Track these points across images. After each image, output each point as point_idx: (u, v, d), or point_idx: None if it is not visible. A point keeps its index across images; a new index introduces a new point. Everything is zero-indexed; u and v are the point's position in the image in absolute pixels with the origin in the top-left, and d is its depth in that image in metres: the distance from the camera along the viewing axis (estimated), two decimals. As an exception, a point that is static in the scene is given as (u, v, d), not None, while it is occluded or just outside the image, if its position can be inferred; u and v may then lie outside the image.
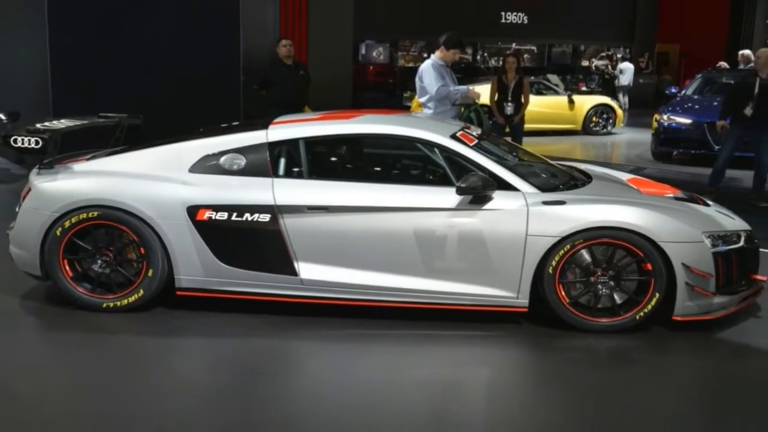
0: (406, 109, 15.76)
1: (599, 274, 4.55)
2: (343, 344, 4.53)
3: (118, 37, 9.31)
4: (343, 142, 5.20)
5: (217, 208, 4.63)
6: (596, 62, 25.03)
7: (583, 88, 19.70)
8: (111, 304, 4.76)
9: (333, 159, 5.25)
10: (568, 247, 4.48)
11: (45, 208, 4.74)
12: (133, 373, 4.07)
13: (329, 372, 4.17)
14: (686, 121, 11.92)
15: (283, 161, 4.82)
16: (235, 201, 4.64)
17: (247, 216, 4.61)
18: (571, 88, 18.28)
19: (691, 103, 12.67)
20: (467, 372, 4.24)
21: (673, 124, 12.04)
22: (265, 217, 4.60)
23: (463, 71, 18.77)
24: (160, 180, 4.75)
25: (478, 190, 4.50)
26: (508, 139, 8.07)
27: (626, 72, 20.56)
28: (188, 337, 4.58)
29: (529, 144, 9.94)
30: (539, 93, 15.53)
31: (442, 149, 4.80)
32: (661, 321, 4.61)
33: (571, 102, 16.02)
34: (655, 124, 12.38)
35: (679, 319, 4.54)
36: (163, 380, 4.02)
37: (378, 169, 5.36)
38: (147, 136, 5.44)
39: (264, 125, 5.00)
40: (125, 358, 4.26)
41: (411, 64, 21.68)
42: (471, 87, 7.41)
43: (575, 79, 22.07)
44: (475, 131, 5.29)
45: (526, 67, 21.12)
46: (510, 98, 9.79)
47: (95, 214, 4.68)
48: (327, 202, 4.60)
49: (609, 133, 16.28)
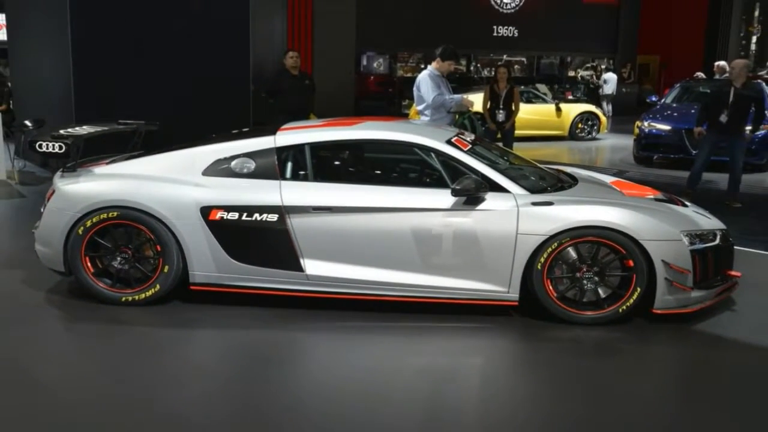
0: (405, 117, 15.75)
1: (585, 270, 4.55)
2: (346, 335, 4.53)
3: (136, 50, 9.30)
4: (346, 147, 5.20)
5: (229, 209, 4.64)
6: (582, 73, 25.01)
7: (570, 97, 19.65)
8: (129, 298, 4.77)
9: (336, 163, 5.25)
10: (556, 244, 4.48)
11: (68, 208, 4.74)
12: (150, 362, 4.07)
13: (333, 360, 4.17)
14: (666, 128, 11.92)
15: (289, 165, 4.82)
16: (245, 202, 4.64)
17: (257, 216, 4.61)
18: (559, 97, 18.24)
19: (670, 110, 12.67)
20: (462, 360, 4.24)
21: (654, 131, 12.04)
22: (273, 217, 4.61)
23: (458, 81, 18.73)
24: (176, 182, 4.75)
25: (472, 192, 4.50)
26: (500, 144, 8.06)
27: (610, 82, 20.57)
28: (201, 329, 4.58)
29: (519, 149, 9.96)
30: (529, 101, 15.51)
31: (438, 154, 4.80)
32: (642, 314, 4.62)
33: (559, 110, 16.00)
34: (637, 131, 12.37)
35: (659, 312, 4.54)
36: (178, 368, 4.03)
37: (378, 172, 5.36)
38: (163, 142, 5.44)
39: (272, 131, 5.00)
40: (143, 347, 4.26)
41: (409, 75, 21.63)
42: (465, 96, 7.41)
43: (562, 89, 22.03)
44: (469, 137, 5.29)
45: (516, 77, 21.13)
46: (501, 106, 9.78)
47: (115, 214, 4.69)
48: (331, 203, 4.60)
49: (594, 139, 16.27)
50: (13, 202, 8.41)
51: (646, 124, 12.17)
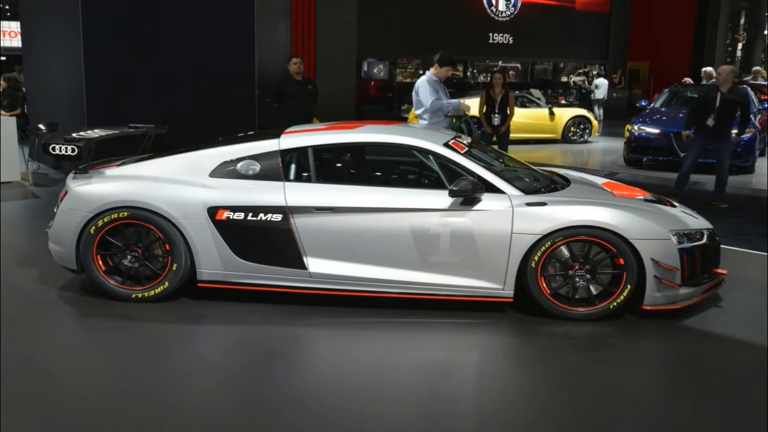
0: (404, 120, 15.75)
1: (577, 268, 4.55)
2: (348, 330, 4.54)
3: (145, 56, 9.31)
4: (348, 149, 5.19)
5: (235, 209, 4.64)
6: (574, 78, 25.00)
7: (563, 102, 19.66)
8: (139, 295, 4.77)
9: (338, 165, 5.25)
10: (549, 243, 4.48)
11: (80, 208, 4.74)
12: (158, 356, 4.08)
13: (335, 355, 4.18)
14: (655, 131, 11.92)
15: (293, 167, 4.82)
16: (251, 202, 4.64)
17: (261, 216, 4.62)
18: (552, 102, 18.24)
19: (659, 114, 12.67)
20: (459, 355, 4.24)
21: (643, 134, 12.03)
22: (278, 217, 4.61)
23: (455, 86, 18.76)
24: (184, 184, 4.75)
25: (469, 193, 4.50)
26: (495, 147, 8.06)
27: (601, 87, 20.56)
28: (208, 324, 4.58)
29: (514, 151, 9.95)
30: (523, 106, 15.49)
31: (436, 156, 4.80)
32: (632, 310, 4.62)
33: (552, 114, 16.00)
34: (627, 134, 12.36)
35: (648, 308, 4.55)
36: (186, 362, 4.03)
37: (379, 174, 5.36)
38: (171, 145, 5.44)
39: (276, 134, 5.00)
40: (152, 342, 4.26)
41: (408, 80, 21.63)
42: (462, 100, 7.40)
43: (555, 94, 22.06)
44: (466, 140, 5.29)
45: (511, 82, 21.17)
46: (497, 110, 9.78)
47: (125, 214, 4.69)
48: (333, 204, 4.60)
49: (586, 142, 16.26)
50: (27, 202, 8.41)
51: (636, 127, 12.16)
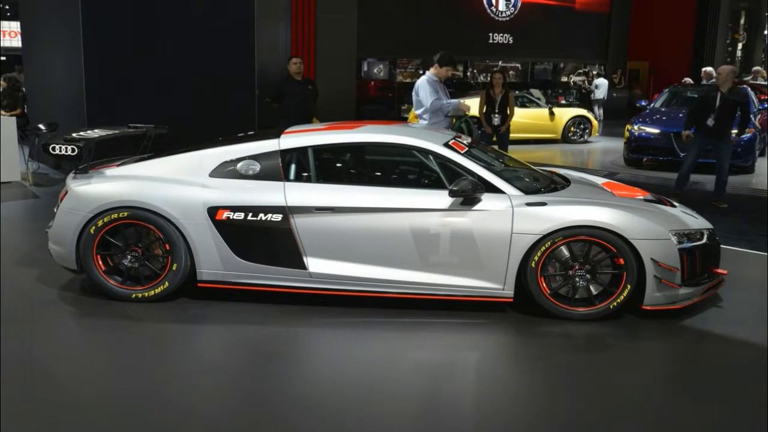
0: (404, 120, 15.75)
1: (577, 267, 4.55)
2: (348, 330, 4.53)
3: (145, 57, 9.31)
4: (348, 149, 5.19)
5: (235, 209, 4.64)
6: (574, 78, 25.01)
7: (563, 102, 19.67)
8: (139, 295, 4.77)
9: (338, 165, 5.25)
10: (549, 243, 4.48)
11: (80, 208, 4.74)
12: (158, 356, 4.08)
13: (335, 354, 4.18)
14: (655, 131, 11.92)
15: (293, 167, 4.82)
16: (251, 202, 4.64)
17: (262, 216, 4.62)
18: (552, 102, 18.25)
19: (659, 114, 12.67)
20: (459, 354, 4.24)
21: (643, 134, 12.04)
22: (278, 217, 4.61)
23: (455, 86, 18.76)
24: (184, 184, 4.75)
25: (469, 193, 4.50)
26: (495, 147, 8.06)
27: (601, 87, 20.57)
28: (208, 324, 4.58)
29: (514, 151, 9.96)
30: (523, 106, 15.50)
31: (436, 156, 4.80)
32: (632, 310, 4.62)
33: (552, 114, 16.00)
34: (627, 134, 12.36)
35: (648, 308, 4.54)
36: (186, 362, 4.03)
37: (379, 173, 5.35)
38: (171, 145, 5.44)
39: (276, 134, 5.00)
40: (152, 342, 4.26)
41: (408, 80, 21.63)
42: (462, 100, 7.40)
43: (555, 94, 22.05)
44: (466, 140, 5.29)
45: (511, 82, 21.16)
46: (497, 110, 9.79)
47: (125, 214, 4.69)
48: (333, 204, 4.60)
49: (586, 142, 16.26)
50: (27, 202, 8.41)
51: (636, 127, 12.17)
